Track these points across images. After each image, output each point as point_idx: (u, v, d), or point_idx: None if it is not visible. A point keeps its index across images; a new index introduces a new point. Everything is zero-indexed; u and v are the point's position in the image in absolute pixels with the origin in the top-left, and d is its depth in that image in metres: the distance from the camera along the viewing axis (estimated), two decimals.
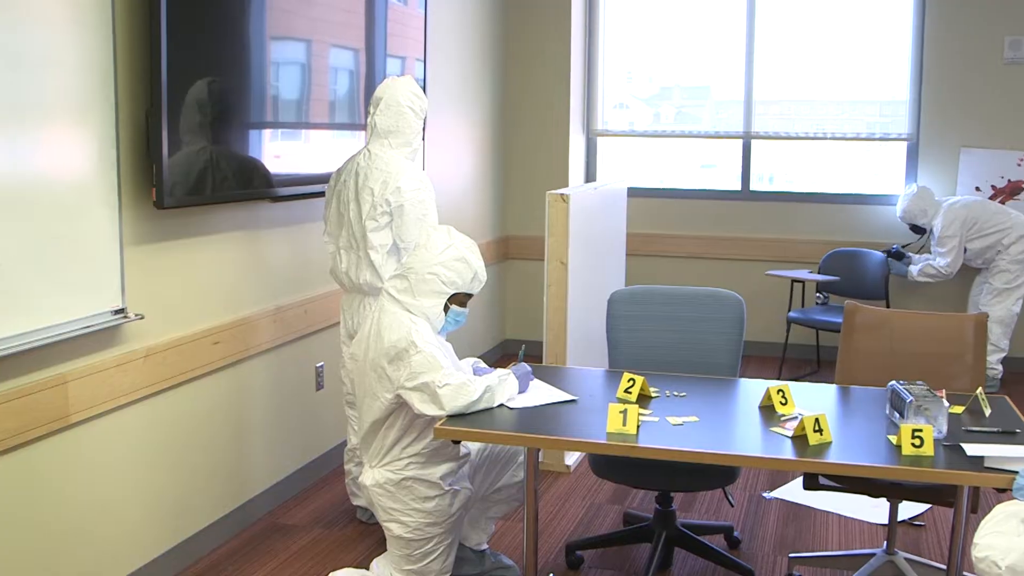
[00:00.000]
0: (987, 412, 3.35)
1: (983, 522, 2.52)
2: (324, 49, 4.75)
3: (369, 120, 4.15)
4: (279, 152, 4.48)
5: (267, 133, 4.38)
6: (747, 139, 7.43)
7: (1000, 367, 6.61)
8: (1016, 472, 2.75)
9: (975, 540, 2.47)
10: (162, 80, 3.52)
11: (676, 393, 3.54)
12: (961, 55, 6.99)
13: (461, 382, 3.24)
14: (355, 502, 4.42)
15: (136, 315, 3.55)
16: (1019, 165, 6.94)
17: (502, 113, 7.36)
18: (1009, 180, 6.94)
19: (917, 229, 6.79)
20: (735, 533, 4.27)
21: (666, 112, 8.10)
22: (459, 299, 3.49)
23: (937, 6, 6.99)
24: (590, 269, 5.31)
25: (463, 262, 3.47)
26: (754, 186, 7.51)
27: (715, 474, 3.64)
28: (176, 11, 3.56)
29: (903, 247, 6.87)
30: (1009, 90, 6.91)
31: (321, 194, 4.41)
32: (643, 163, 7.98)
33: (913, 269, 6.71)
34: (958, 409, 3.36)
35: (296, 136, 4.69)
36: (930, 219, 6.68)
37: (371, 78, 5.05)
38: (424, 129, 4.23)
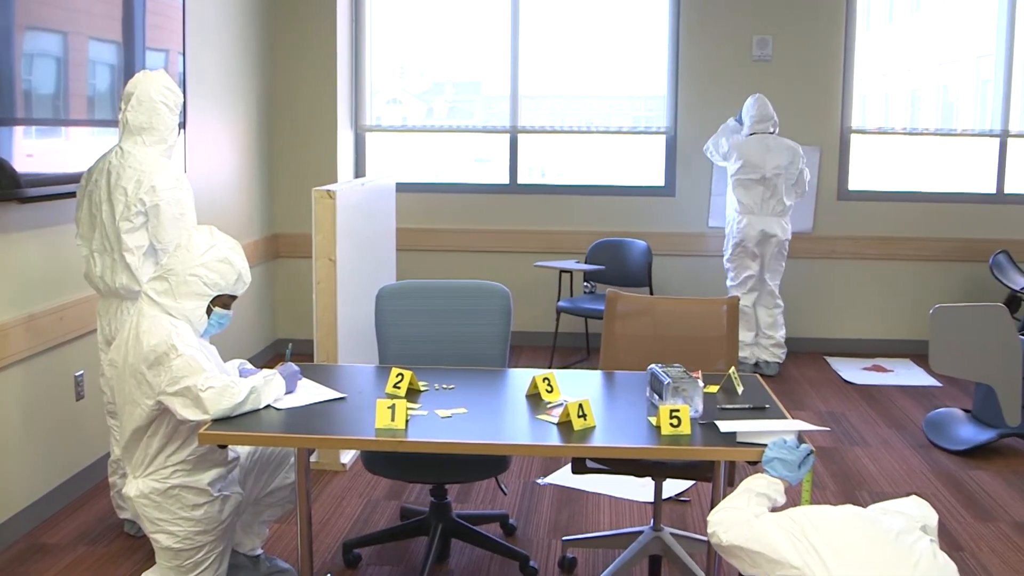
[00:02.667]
0: (740, 390, 3.53)
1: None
2: (81, 41, 4.53)
3: (121, 116, 3.99)
4: (31, 150, 4.25)
5: (18, 130, 4.14)
6: (514, 133, 7.56)
7: (781, 353, 6.99)
8: (766, 445, 2.92)
9: (709, 516, 2.63)
10: None
11: (445, 386, 3.57)
12: (713, 53, 7.34)
13: (225, 384, 3.17)
14: (121, 515, 4.25)
15: None
16: None
17: (268, 108, 7.22)
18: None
19: None
20: (510, 521, 4.34)
21: (439, 107, 8.16)
22: (223, 301, 3.41)
23: (690, 6, 7.31)
24: (359, 265, 5.28)
25: (226, 263, 3.39)
26: (524, 179, 7.65)
27: (486, 464, 3.70)
28: None
29: None
30: (758, 86, 7.28)
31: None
32: (418, 158, 8.01)
33: None
34: (713, 389, 3.53)
35: (51, 133, 4.46)
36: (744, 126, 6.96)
37: (131, 72, 4.82)
38: (184, 125, 4.11)
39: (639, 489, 4.68)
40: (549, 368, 4.55)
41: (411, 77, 8.19)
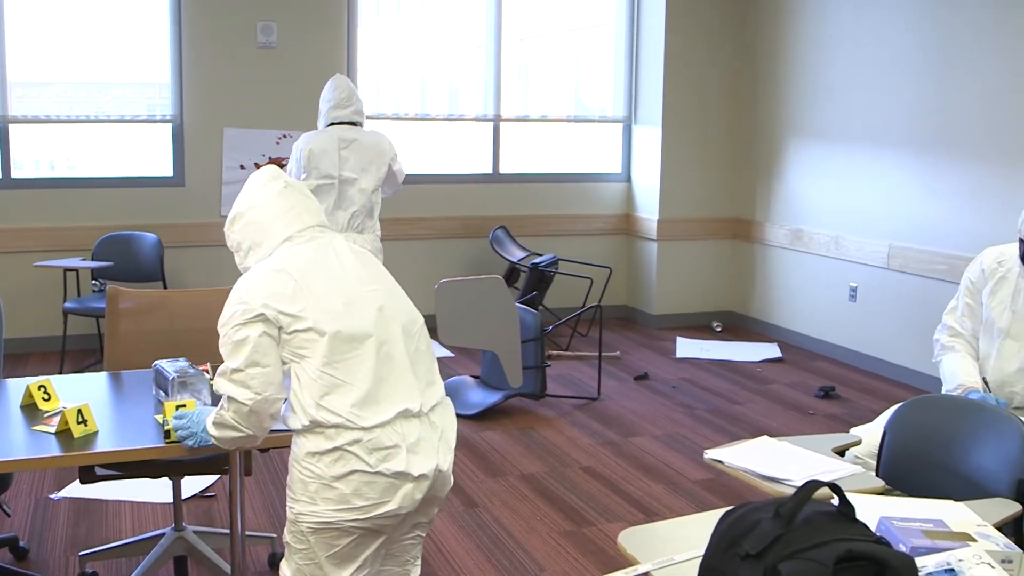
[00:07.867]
0: None
1: None
2: None
3: None
4: None
5: None
6: (3, 123, 6.96)
7: None
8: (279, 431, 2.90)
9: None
10: None
11: None
12: (217, 38, 7.23)
13: None
14: None
15: None
16: (278, 143, 7.36)
17: None
18: (270, 158, 7.32)
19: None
20: (21, 543, 4.06)
21: None
22: None
23: None
24: None
25: None
26: (22, 173, 7.10)
27: None
28: None
29: None
30: (263, 72, 7.30)
31: None
32: None
33: None
34: None
35: None
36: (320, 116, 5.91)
37: None
38: None
39: (162, 490, 4.53)
40: (60, 374, 4.28)
41: None
